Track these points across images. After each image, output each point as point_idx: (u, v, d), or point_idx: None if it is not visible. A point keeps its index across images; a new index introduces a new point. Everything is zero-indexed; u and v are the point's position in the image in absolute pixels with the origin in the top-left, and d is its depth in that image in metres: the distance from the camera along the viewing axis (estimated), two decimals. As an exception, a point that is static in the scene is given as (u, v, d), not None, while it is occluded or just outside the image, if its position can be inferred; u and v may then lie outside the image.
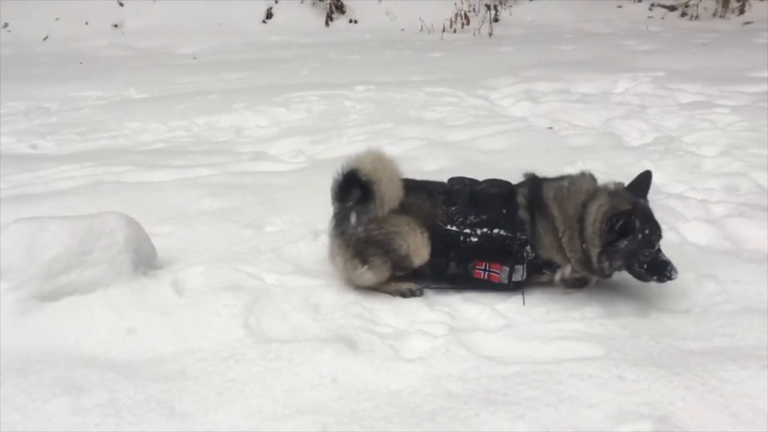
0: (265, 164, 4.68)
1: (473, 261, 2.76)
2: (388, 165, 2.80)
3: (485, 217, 2.77)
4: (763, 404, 2.01)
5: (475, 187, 2.89)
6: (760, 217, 3.40)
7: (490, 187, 2.89)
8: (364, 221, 2.75)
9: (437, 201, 2.83)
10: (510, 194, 2.82)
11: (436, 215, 2.80)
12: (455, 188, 2.89)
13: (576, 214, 2.66)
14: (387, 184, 2.73)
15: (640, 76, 6.74)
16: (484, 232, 2.75)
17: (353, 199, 2.79)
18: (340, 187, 2.83)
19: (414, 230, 2.76)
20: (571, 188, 2.74)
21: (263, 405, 2.08)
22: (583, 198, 2.68)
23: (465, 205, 2.80)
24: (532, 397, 2.09)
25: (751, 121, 4.92)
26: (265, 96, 6.60)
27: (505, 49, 9.26)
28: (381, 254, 2.74)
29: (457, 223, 2.77)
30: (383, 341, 2.42)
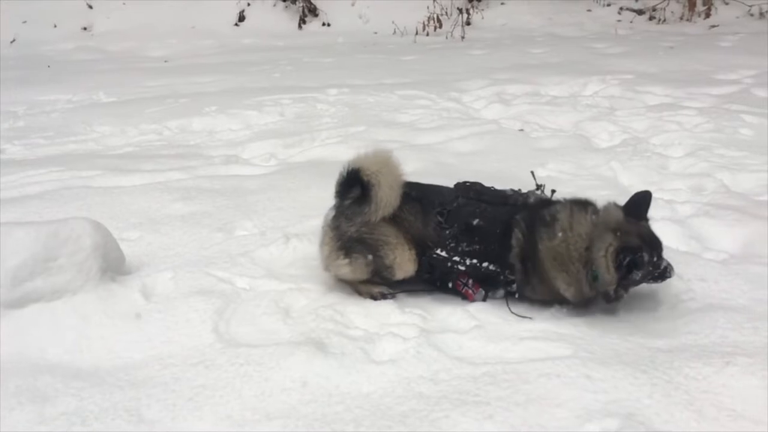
0: (237, 168, 4.65)
1: (460, 274, 2.74)
2: (392, 170, 2.76)
3: (478, 248, 2.71)
4: (726, 400, 2.05)
5: (476, 209, 2.75)
6: (725, 216, 3.46)
7: (494, 208, 2.75)
8: (357, 222, 2.74)
9: (431, 220, 2.76)
10: (508, 227, 2.68)
11: (427, 236, 2.75)
12: (455, 206, 2.77)
13: (581, 258, 2.56)
14: (385, 191, 2.70)
15: (609, 78, 6.84)
16: (473, 263, 2.71)
17: (351, 197, 2.77)
18: (341, 183, 2.82)
19: (402, 244, 2.75)
20: (571, 234, 2.60)
21: (233, 410, 2.07)
22: (585, 243, 2.57)
23: (460, 232, 2.71)
24: (501, 397, 2.10)
25: (716, 123, 5.02)
26: (238, 99, 6.57)
27: (477, 52, 9.33)
28: (365, 255, 2.74)
29: (448, 249, 2.73)
30: (354, 344, 2.42)
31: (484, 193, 2.84)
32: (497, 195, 2.83)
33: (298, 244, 3.25)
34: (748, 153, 4.43)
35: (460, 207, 2.77)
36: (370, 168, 2.71)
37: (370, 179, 2.69)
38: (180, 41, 11.18)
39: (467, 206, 2.77)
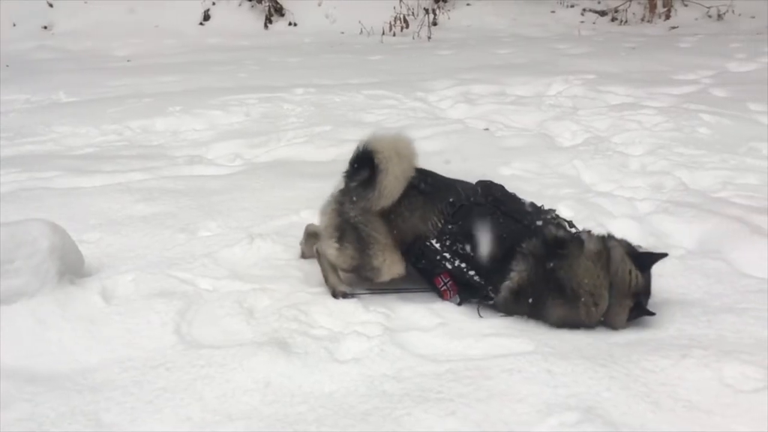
0: (201, 168, 4.60)
1: (443, 272, 2.68)
2: (404, 160, 2.65)
3: (473, 255, 2.61)
4: (682, 391, 2.10)
5: (488, 216, 2.62)
6: (683, 213, 3.54)
7: (506, 222, 2.60)
8: (359, 207, 2.69)
9: (432, 215, 2.66)
10: (511, 252, 2.55)
11: (422, 231, 2.67)
12: (467, 204, 2.65)
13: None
14: (390, 181, 2.61)
15: (572, 79, 6.93)
16: (460, 266, 2.63)
17: (359, 179, 2.69)
18: (353, 160, 2.73)
19: (391, 246, 2.71)
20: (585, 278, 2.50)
21: (193, 412, 2.04)
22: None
23: (460, 233, 2.62)
24: (463, 394, 2.12)
25: (675, 122, 5.13)
26: (202, 99, 6.49)
27: (443, 52, 9.38)
28: (355, 248, 2.70)
29: (443, 243, 2.65)
30: (318, 343, 2.41)
31: (503, 202, 2.69)
32: (515, 208, 2.67)
33: (263, 244, 3.23)
34: (706, 151, 4.53)
35: (471, 207, 2.65)
36: (384, 152, 2.61)
37: (380, 164, 2.59)
38: (143, 40, 11.01)
39: (479, 209, 2.64)
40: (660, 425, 1.95)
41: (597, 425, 1.93)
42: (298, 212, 3.62)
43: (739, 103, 5.74)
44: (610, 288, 2.50)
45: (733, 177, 4.12)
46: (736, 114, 5.33)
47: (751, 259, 3.01)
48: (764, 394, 2.07)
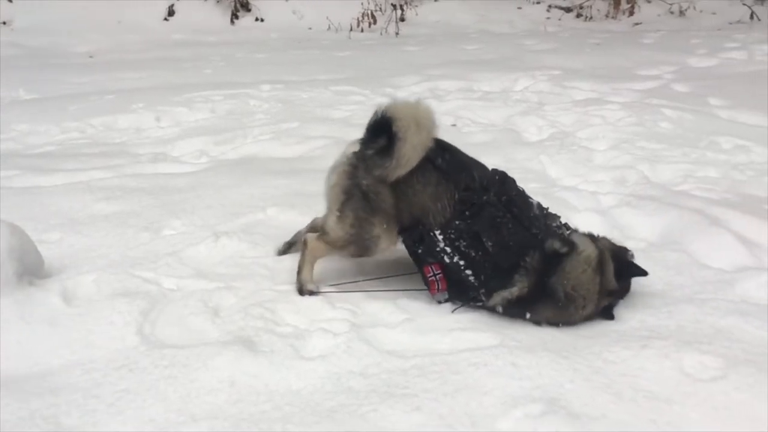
0: (165, 166, 4.53)
1: (434, 263, 2.62)
2: (424, 128, 2.55)
3: (473, 255, 2.55)
4: (643, 381, 2.14)
5: (499, 219, 2.55)
6: (645, 206, 3.60)
7: (515, 228, 2.54)
8: (373, 175, 2.60)
9: (444, 195, 2.57)
10: (516, 265, 2.51)
11: (430, 210, 2.58)
12: (482, 202, 2.56)
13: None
14: (408, 150, 2.52)
15: (538, 74, 7.01)
16: (457, 263, 2.57)
17: (375, 147, 2.59)
18: (370, 127, 2.63)
19: (395, 220, 2.65)
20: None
21: (156, 414, 2.02)
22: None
23: (469, 233, 2.54)
24: (429, 389, 2.12)
25: (638, 116, 5.21)
26: (166, 96, 6.40)
27: (411, 48, 9.39)
28: (356, 217, 2.64)
29: (446, 236, 2.57)
30: (284, 341, 2.40)
31: (515, 203, 2.61)
32: (525, 213, 2.60)
33: (228, 242, 3.19)
34: (667, 145, 4.62)
35: (486, 206, 2.56)
36: (403, 120, 2.51)
37: (399, 132, 2.50)
38: (106, 36, 10.79)
39: (491, 210, 2.55)
40: (621, 415, 1.98)
41: (560, 416, 1.95)
42: (265, 210, 3.59)
43: (699, 98, 5.86)
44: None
45: (694, 170, 4.21)
46: (696, 109, 5.45)
47: (710, 250, 3.08)
48: (722, 383, 2.12)
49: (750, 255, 3.00)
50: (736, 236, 3.15)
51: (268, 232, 3.35)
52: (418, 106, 2.62)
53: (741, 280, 2.76)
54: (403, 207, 2.65)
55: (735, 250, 3.04)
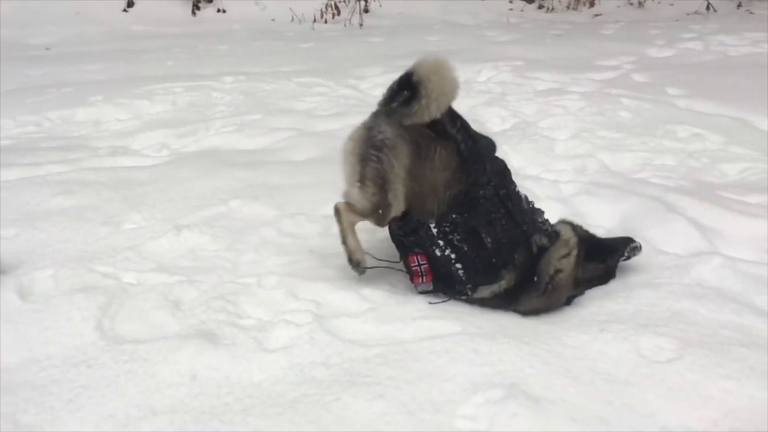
0: (125, 159, 4.45)
1: (419, 253, 2.60)
2: (444, 77, 2.49)
3: (465, 249, 2.54)
4: (601, 365, 2.18)
5: (494, 214, 2.55)
6: (604, 194, 3.66)
7: (508, 224, 2.55)
8: (394, 126, 2.52)
9: (458, 184, 2.51)
10: (505, 264, 2.54)
11: (442, 195, 2.52)
12: (480, 196, 2.54)
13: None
14: (437, 85, 2.43)
15: (501, 65, 7.06)
16: (449, 256, 2.55)
17: (399, 100, 2.50)
18: (391, 89, 2.58)
19: (402, 186, 2.55)
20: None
21: (116, 409, 1.99)
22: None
23: (464, 227, 2.53)
24: (392, 376, 2.14)
25: (597, 106, 5.29)
26: (126, 88, 6.27)
27: (375, 39, 9.37)
28: (376, 184, 2.53)
29: (441, 228, 2.55)
30: (246, 333, 2.38)
31: (511, 199, 2.61)
32: (517, 208, 2.61)
33: (190, 235, 3.16)
34: (627, 134, 4.70)
35: (484, 201, 2.55)
36: (423, 72, 2.45)
37: (421, 77, 2.43)
38: (63, 28, 10.53)
39: (489, 204, 2.55)
40: (579, 398, 2.02)
41: (519, 400, 1.98)
42: (227, 202, 3.56)
43: (657, 87, 5.97)
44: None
45: (652, 158, 4.29)
46: (654, 98, 5.55)
47: (666, 236, 3.14)
48: (677, 364, 2.17)
49: (704, 240, 3.08)
50: (691, 222, 3.22)
51: (231, 225, 3.32)
52: (439, 61, 2.53)
53: (695, 264, 2.83)
54: (417, 178, 2.54)
55: (690, 236, 3.12)
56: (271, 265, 2.92)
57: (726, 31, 8.77)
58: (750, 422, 1.93)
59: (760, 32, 8.56)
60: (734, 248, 3.04)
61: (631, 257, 2.80)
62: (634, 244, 2.79)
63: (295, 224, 3.31)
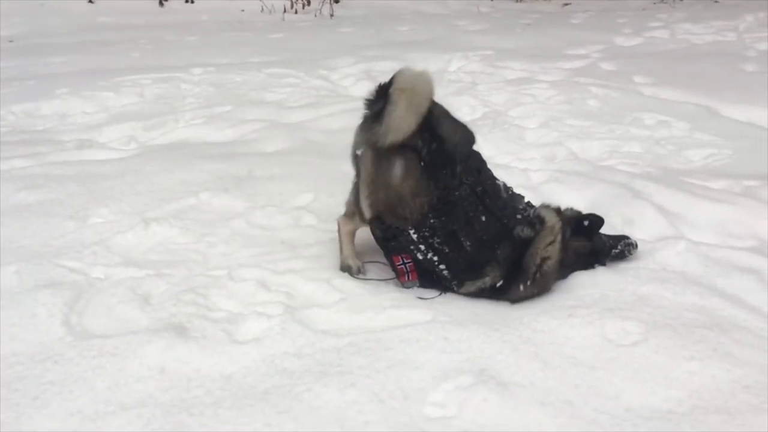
0: (92, 152, 4.38)
1: (404, 253, 2.61)
2: (418, 96, 2.48)
3: (447, 251, 2.55)
4: (567, 349, 2.22)
5: (473, 212, 2.55)
6: (573, 181, 3.71)
7: (488, 220, 2.55)
8: (363, 139, 2.59)
9: (425, 193, 2.52)
10: (488, 260, 2.55)
11: (409, 207, 2.53)
12: (456, 196, 2.54)
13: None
14: (399, 114, 2.42)
15: (471, 55, 7.08)
16: (432, 259, 2.57)
17: (374, 110, 2.55)
18: (374, 93, 2.61)
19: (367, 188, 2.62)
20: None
21: (84, 405, 1.97)
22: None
23: (444, 230, 2.53)
24: (363, 366, 2.15)
25: (566, 95, 5.34)
26: (92, 80, 6.15)
27: (345, 29, 9.33)
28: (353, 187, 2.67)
29: (420, 233, 2.56)
30: (216, 326, 2.37)
31: (488, 194, 2.61)
32: (496, 201, 2.61)
33: (159, 228, 3.13)
34: (594, 122, 4.76)
35: (460, 201, 2.54)
36: (400, 84, 2.47)
37: (392, 95, 2.44)
38: (27, 20, 10.29)
39: (466, 203, 2.55)
40: (547, 382, 2.05)
41: (489, 386, 2.01)
42: (197, 194, 3.52)
43: (625, 75, 6.05)
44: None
45: (619, 146, 4.35)
46: (622, 86, 5.62)
47: (633, 222, 3.21)
48: (642, 347, 2.22)
49: (669, 225, 3.14)
50: (657, 208, 3.28)
51: (201, 218, 3.29)
52: (419, 76, 2.54)
53: (661, 249, 2.89)
54: (380, 186, 2.58)
55: (656, 221, 3.18)
56: (242, 257, 2.91)
57: (692, 19, 8.91)
58: (712, 402, 1.97)
59: (724, 20, 8.72)
60: (698, 232, 3.11)
61: (626, 253, 2.80)
62: (629, 241, 2.81)
63: (265, 216, 3.30)
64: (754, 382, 2.05)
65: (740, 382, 2.05)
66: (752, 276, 2.66)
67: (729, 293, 2.55)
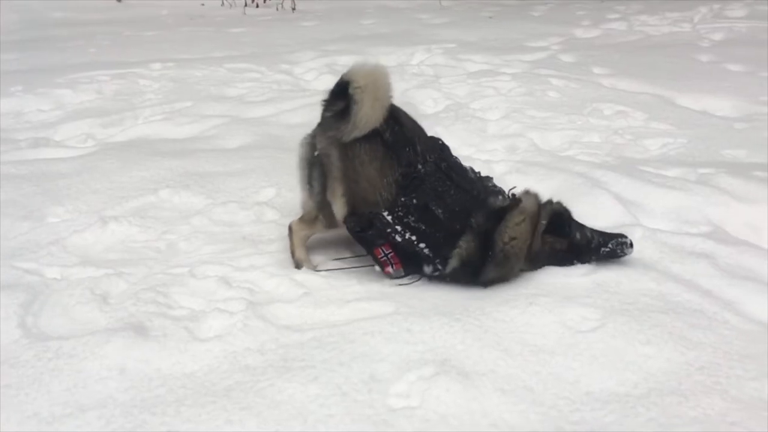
0: (48, 151, 4.29)
1: (384, 244, 2.63)
2: (379, 89, 2.63)
3: (423, 228, 2.59)
4: (528, 337, 2.25)
5: (441, 187, 2.61)
6: (534, 172, 3.75)
7: (457, 194, 2.61)
8: (328, 136, 2.67)
9: (390, 173, 2.60)
10: (462, 228, 2.58)
11: (377, 186, 2.61)
12: (422, 173, 2.61)
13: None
14: (366, 111, 2.57)
15: (433, 48, 7.11)
16: (410, 239, 2.60)
17: (334, 110, 2.66)
18: (330, 92, 2.72)
19: (343, 184, 2.68)
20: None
21: (40, 407, 1.93)
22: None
23: (414, 206, 2.58)
24: (326, 359, 2.15)
25: (527, 87, 5.40)
26: (48, 77, 6.02)
27: (308, 23, 9.28)
28: (320, 183, 2.72)
29: (395, 215, 2.60)
30: (178, 324, 2.34)
31: (454, 170, 2.69)
32: (464, 178, 2.70)
33: (117, 227, 3.09)
34: (555, 113, 4.82)
35: (426, 177, 2.61)
36: (359, 82, 2.58)
37: (355, 95, 2.56)
38: (-22, 15, 9.99)
39: (433, 179, 2.62)
40: (508, 369, 2.08)
41: (451, 376, 2.03)
42: (156, 192, 3.48)
43: (584, 67, 6.15)
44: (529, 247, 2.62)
45: (579, 136, 4.42)
46: (581, 78, 5.71)
47: (592, 210, 3.23)
48: (600, 332, 2.26)
49: (627, 213, 3.20)
50: (615, 197, 3.34)
51: (161, 215, 3.25)
52: (376, 70, 2.68)
53: (619, 236, 2.94)
54: (352, 176, 2.66)
55: (614, 209, 3.23)
56: (204, 254, 2.89)
57: (648, 11, 9.08)
58: (667, 384, 2.02)
59: (679, 12, 8.91)
60: (654, 220, 3.18)
61: (618, 252, 2.69)
62: (623, 240, 2.69)
63: (227, 212, 3.27)
64: (708, 363, 2.11)
65: (694, 364, 2.10)
66: (706, 261, 2.73)
67: (684, 278, 2.62)
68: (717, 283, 2.59)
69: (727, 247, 2.85)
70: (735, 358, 2.13)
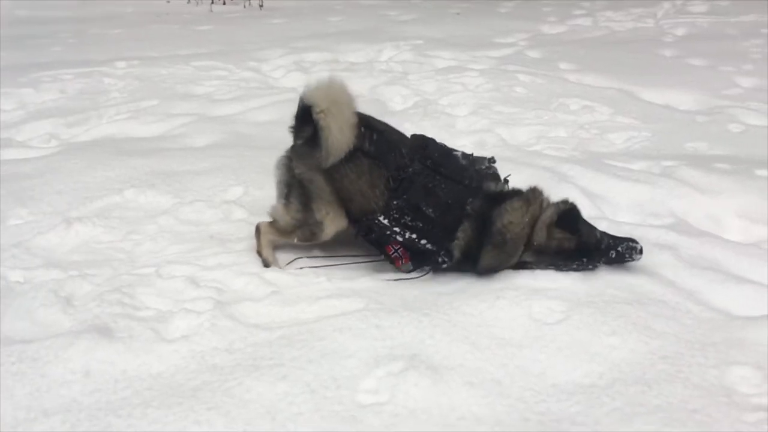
0: (10, 152, 4.19)
1: (393, 241, 2.65)
2: (342, 109, 2.58)
3: (421, 226, 2.61)
4: (496, 330, 2.27)
5: (431, 183, 2.62)
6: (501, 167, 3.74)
7: (448, 186, 2.62)
8: (306, 164, 2.67)
9: (380, 182, 2.62)
10: (458, 218, 2.60)
11: (370, 197, 2.64)
12: (410, 173, 2.61)
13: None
14: (336, 136, 2.55)
15: (402, 44, 7.12)
16: (412, 238, 2.62)
17: (304, 136, 2.65)
18: (295, 118, 2.68)
19: (335, 202, 2.69)
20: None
21: (4, 412, 1.89)
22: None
23: (407, 207, 2.60)
24: (296, 357, 2.14)
25: (494, 83, 5.44)
26: (9, 76, 5.88)
27: (276, 20, 9.22)
28: (300, 202, 2.71)
29: (390, 218, 2.62)
30: (144, 325, 2.32)
31: (442, 164, 2.68)
32: (453, 168, 2.69)
33: (82, 228, 3.04)
34: (522, 109, 4.87)
35: (415, 176, 2.62)
36: (320, 105, 2.54)
37: (320, 121, 2.53)
38: (-65, 13, 9.74)
39: (422, 177, 2.62)
40: (477, 362, 2.10)
41: (420, 370, 2.04)
42: (122, 192, 3.43)
43: (550, 63, 6.22)
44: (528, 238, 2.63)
45: (546, 131, 4.47)
46: (548, 73, 5.77)
47: (559, 204, 3.29)
48: (565, 324, 2.30)
49: (593, 206, 3.24)
50: (582, 190, 3.39)
51: (126, 215, 3.21)
52: (332, 86, 2.62)
53: (584, 229, 2.97)
54: (345, 195, 2.69)
55: (580, 203, 3.22)
56: (170, 254, 2.85)
57: (613, 7, 9.22)
58: (631, 373, 2.06)
59: (643, 7, 9.06)
60: (619, 212, 3.24)
61: (627, 257, 2.62)
62: (634, 244, 2.62)
63: (194, 211, 3.24)
64: (671, 353, 2.15)
65: (657, 353, 2.14)
66: (669, 252, 2.78)
67: (648, 269, 2.67)
68: (680, 273, 2.65)
69: (690, 238, 2.91)
70: (696, 346, 2.18)
